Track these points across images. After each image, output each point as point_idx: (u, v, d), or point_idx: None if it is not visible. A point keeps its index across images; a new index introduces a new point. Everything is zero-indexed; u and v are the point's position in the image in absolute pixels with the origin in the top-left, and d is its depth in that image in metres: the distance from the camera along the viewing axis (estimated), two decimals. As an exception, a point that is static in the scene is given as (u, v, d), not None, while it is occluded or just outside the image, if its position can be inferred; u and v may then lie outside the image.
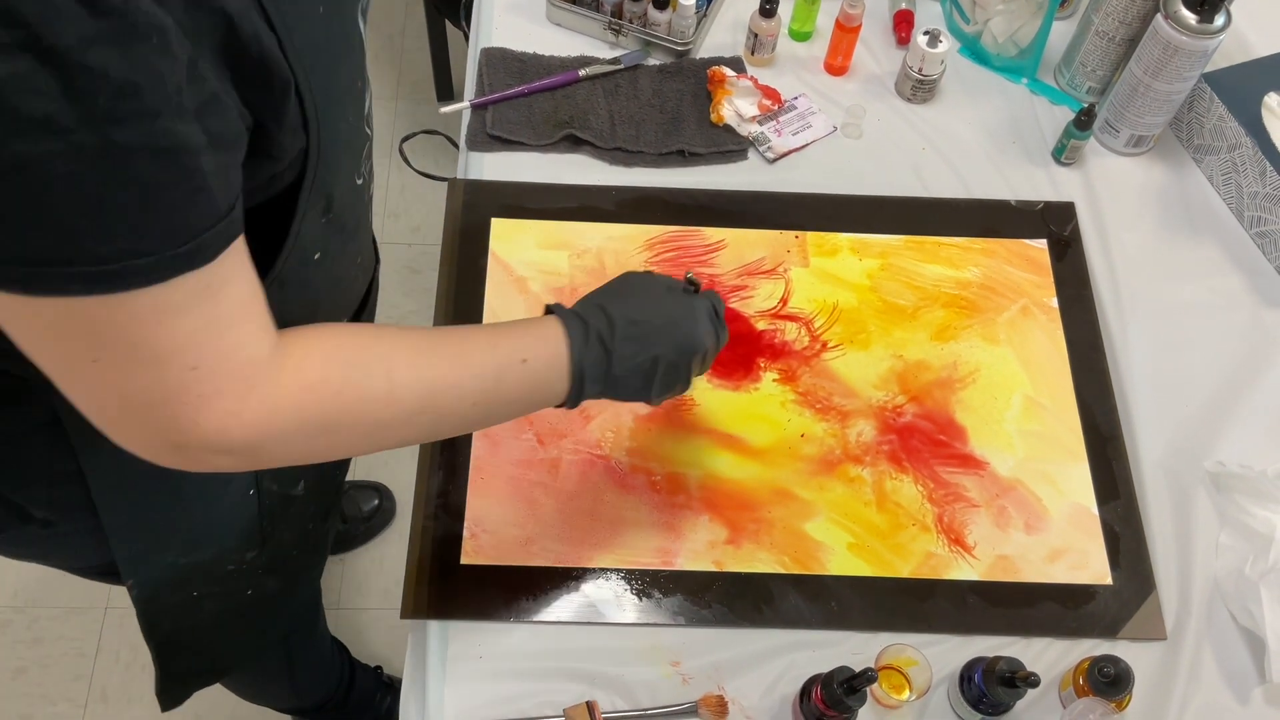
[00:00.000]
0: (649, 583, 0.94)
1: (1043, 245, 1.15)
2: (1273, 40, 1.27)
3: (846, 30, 1.23)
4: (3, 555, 0.90)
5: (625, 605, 0.93)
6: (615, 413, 1.02)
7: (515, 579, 0.94)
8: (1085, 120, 1.16)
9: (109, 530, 0.82)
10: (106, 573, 0.91)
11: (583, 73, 1.23)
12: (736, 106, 1.20)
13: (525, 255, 1.11)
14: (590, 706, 0.87)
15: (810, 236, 1.14)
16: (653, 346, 0.78)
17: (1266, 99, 1.15)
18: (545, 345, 0.75)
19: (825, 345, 1.07)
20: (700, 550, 0.96)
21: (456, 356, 0.71)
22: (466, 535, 0.95)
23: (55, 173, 0.47)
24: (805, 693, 0.86)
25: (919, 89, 1.24)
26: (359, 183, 0.73)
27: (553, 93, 1.22)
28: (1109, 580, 0.96)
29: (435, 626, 0.92)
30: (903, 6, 1.31)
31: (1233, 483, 1.00)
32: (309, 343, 0.64)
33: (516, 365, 0.73)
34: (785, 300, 1.10)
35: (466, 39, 1.36)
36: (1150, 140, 1.22)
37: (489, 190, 1.15)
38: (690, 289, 0.83)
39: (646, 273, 0.84)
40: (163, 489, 0.82)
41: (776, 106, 1.22)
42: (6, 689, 1.69)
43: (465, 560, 0.94)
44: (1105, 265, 1.14)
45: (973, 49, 1.30)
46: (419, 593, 0.93)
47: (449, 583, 0.93)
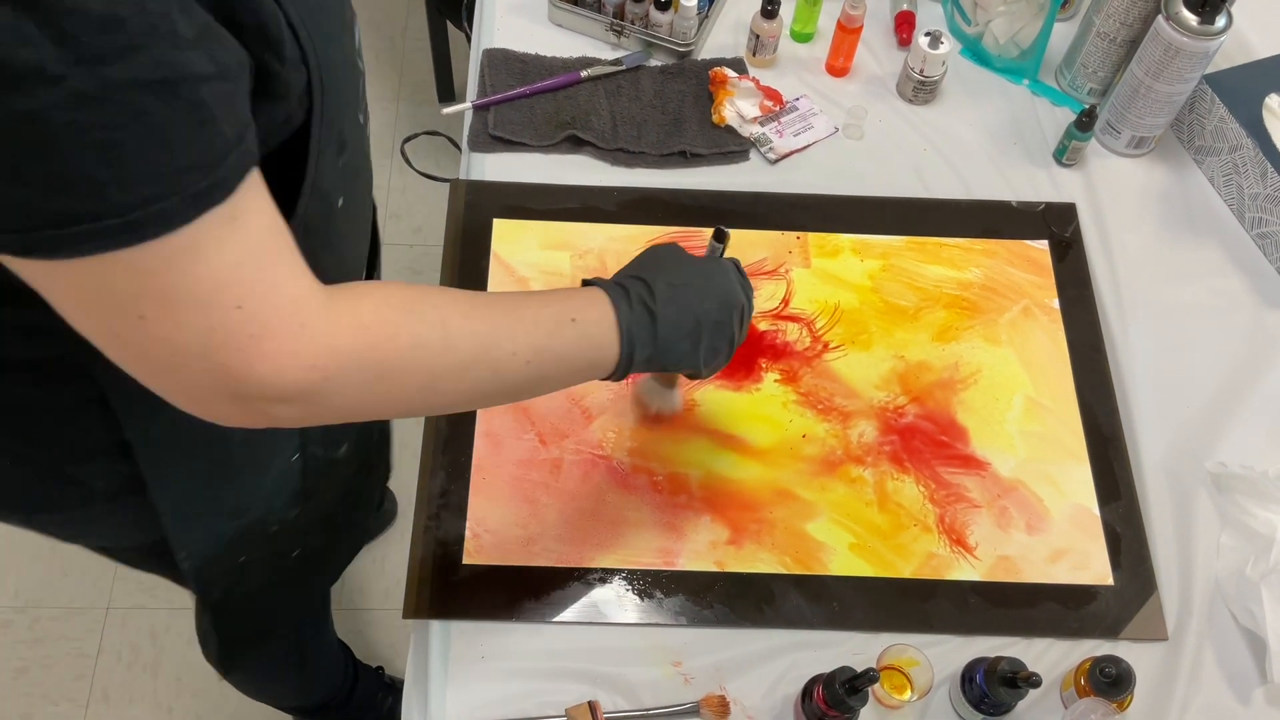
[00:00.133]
0: (651, 583, 0.94)
1: (1044, 246, 1.15)
2: (1274, 41, 1.27)
3: (848, 31, 1.23)
4: (55, 537, 0.90)
5: (627, 605, 0.93)
6: (617, 412, 1.02)
7: (517, 579, 0.94)
8: (1086, 121, 1.16)
9: (157, 503, 0.81)
10: (152, 553, 0.90)
11: (584, 74, 1.23)
12: (738, 107, 1.21)
13: (527, 256, 1.11)
14: (592, 706, 0.87)
15: (812, 237, 1.14)
16: (694, 306, 0.79)
17: (1268, 100, 1.16)
18: (593, 308, 0.75)
19: (827, 346, 1.08)
20: (702, 550, 0.96)
21: (509, 312, 0.71)
22: (468, 535, 0.96)
23: (59, 123, 0.46)
24: (807, 693, 0.86)
25: (920, 90, 1.24)
26: (362, 120, 0.73)
27: (554, 94, 1.22)
28: (1110, 581, 0.96)
29: (437, 627, 0.92)
30: (904, 8, 1.31)
31: (1234, 483, 1.00)
32: (358, 289, 0.64)
33: (567, 322, 0.73)
34: (787, 301, 1.10)
35: (468, 40, 1.36)
36: (1151, 141, 1.22)
37: (491, 191, 1.15)
38: (719, 246, 0.85)
39: (671, 244, 0.85)
40: (212, 460, 0.81)
41: (778, 107, 1.22)
42: (8, 689, 1.69)
43: (467, 560, 0.95)
44: (1106, 266, 1.15)
45: (974, 50, 1.30)
46: (421, 593, 0.93)
47: (451, 583, 0.93)
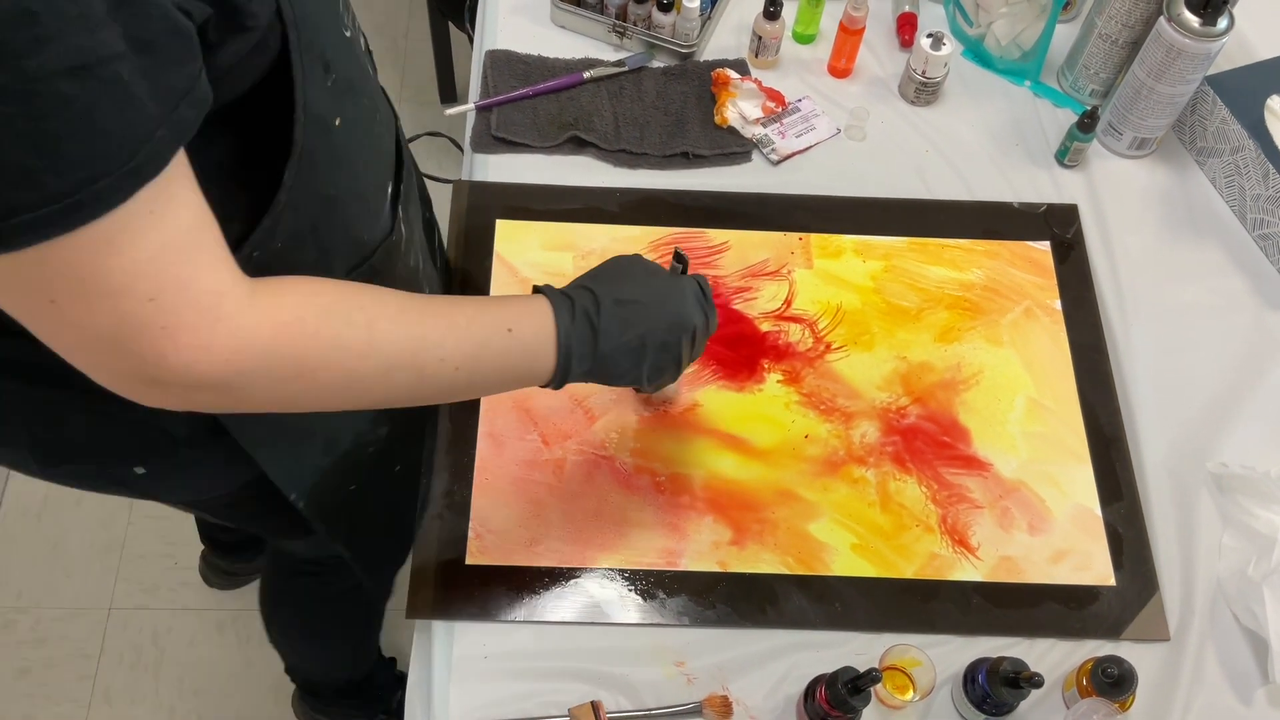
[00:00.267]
0: (653, 583, 0.94)
1: (1046, 247, 1.15)
2: (1275, 43, 1.27)
3: (850, 33, 1.23)
4: (142, 495, 0.90)
5: (630, 605, 0.93)
6: (620, 413, 1.02)
7: (520, 579, 0.94)
8: (1088, 123, 1.17)
9: (246, 443, 0.81)
10: (252, 498, 0.91)
11: (587, 75, 1.23)
12: (740, 109, 1.21)
13: (530, 256, 1.11)
14: (595, 706, 0.87)
15: (814, 238, 1.14)
16: (639, 325, 0.78)
17: (1269, 101, 1.16)
18: (532, 318, 0.75)
19: (829, 347, 1.08)
20: (704, 551, 0.96)
21: (441, 317, 0.71)
22: (471, 535, 0.96)
23: None
24: (809, 693, 0.86)
25: (922, 91, 1.24)
26: (348, 35, 0.72)
27: (557, 95, 1.22)
28: (1112, 581, 0.96)
29: (440, 626, 0.92)
30: (906, 9, 1.31)
31: (1235, 484, 1.00)
32: (284, 285, 0.64)
33: (502, 333, 0.73)
34: (789, 302, 1.10)
35: (470, 41, 1.37)
36: (1153, 143, 1.22)
37: (494, 192, 1.16)
38: (678, 266, 0.83)
39: (634, 256, 0.84)
40: None
41: (780, 109, 1.22)
42: (10, 689, 1.69)
43: (470, 560, 0.95)
44: (1108, 267, 1.15)
45: (976, 52, 1.30)
46: (424, 593, 0.93)
47: (454, 583, 0.94)
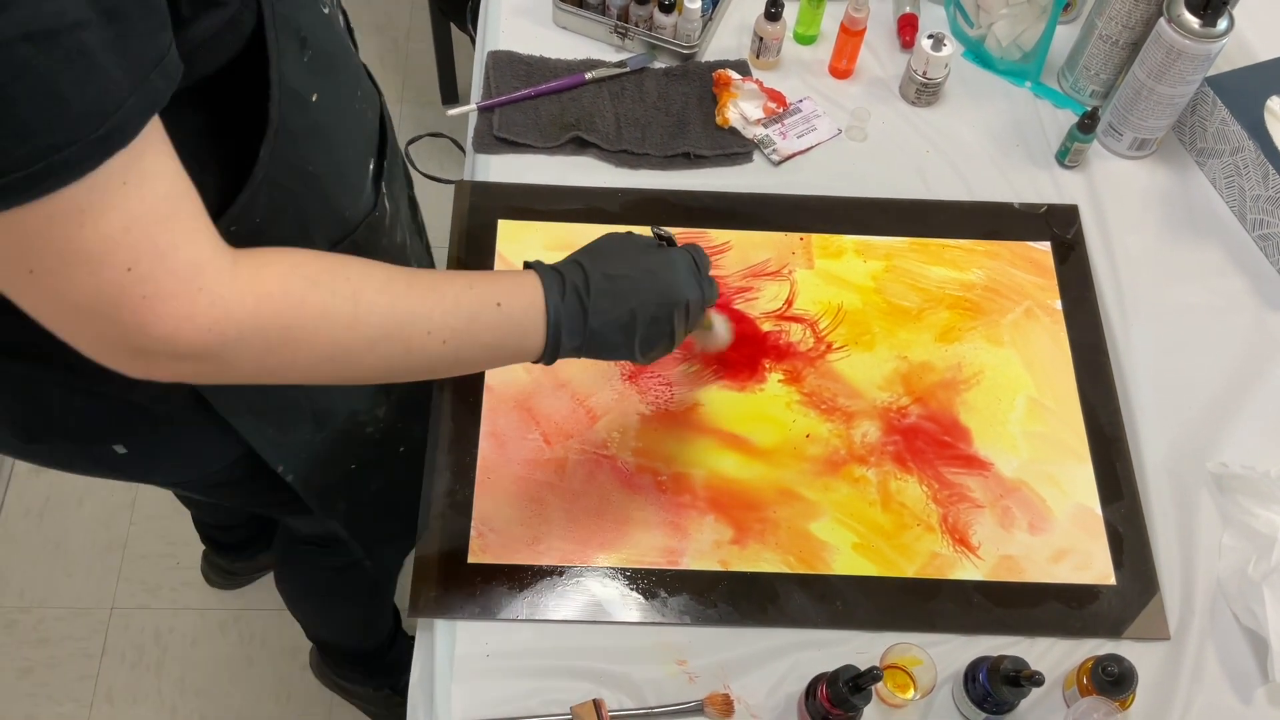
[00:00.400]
0: (655, 582, 0.95)
1: (1046, 248, 1.15)
2: (1275, 44, 1.27)
3: (851, 34, 1.23)
4: (131, 477, 0.89)
5: (631, 604, 0.94)
6: (622, 412, 1.03)
7: (522, 578, 0.94)
8: (1088, 123, 1.17)
9: (232, 419, 0.81)
10: (245, 476, 0.90)
11: (589, 76, 1.23)
12: (742, 109, 1.21)
13: (532, 256, 1.10)
14: (597, 705, 0.88)
15: (815, 238, 1.15)
16: (629, 299, 0.78)
17: (1269, 102, 1.16)
18: (522, 293, 0.76)
19: (830, 346, 1.08)
20: (706, 550, 0.96)
21: (430, 290, 0.71)
22: (473, 535, 0.96)
23: None
24: (811, 691, 0.86)
25: (923, 92, 1.24)
26: (325, 11, 0.72)
27: (559, 95, 1.23)
28: (1113, 580, 0.97)
29: (443, 625, 0.93)
30: (907, 10, 1.31)
31: (1235, 484, 1.00)
32: (268, 256, 0.64)
33: (491, 308, 0.73)
34: (790, 302, 1.11)
35: (473, 42, 1.37)
36: (1153, 143, 1.23)
37: (496, 192, 1.16)
38: (662, 243, 0.84)
39: (626, 233, 0.85)
40: None
41: (781, 109, 1.23)
42: (12, 689, 1.69)
43: (472, 559, 0.95)
44: (1109, 268, 1.15)
45: (976, 52, 1.30)
46: (426, 592, 0.93)
47: (456, 581, 0.94)
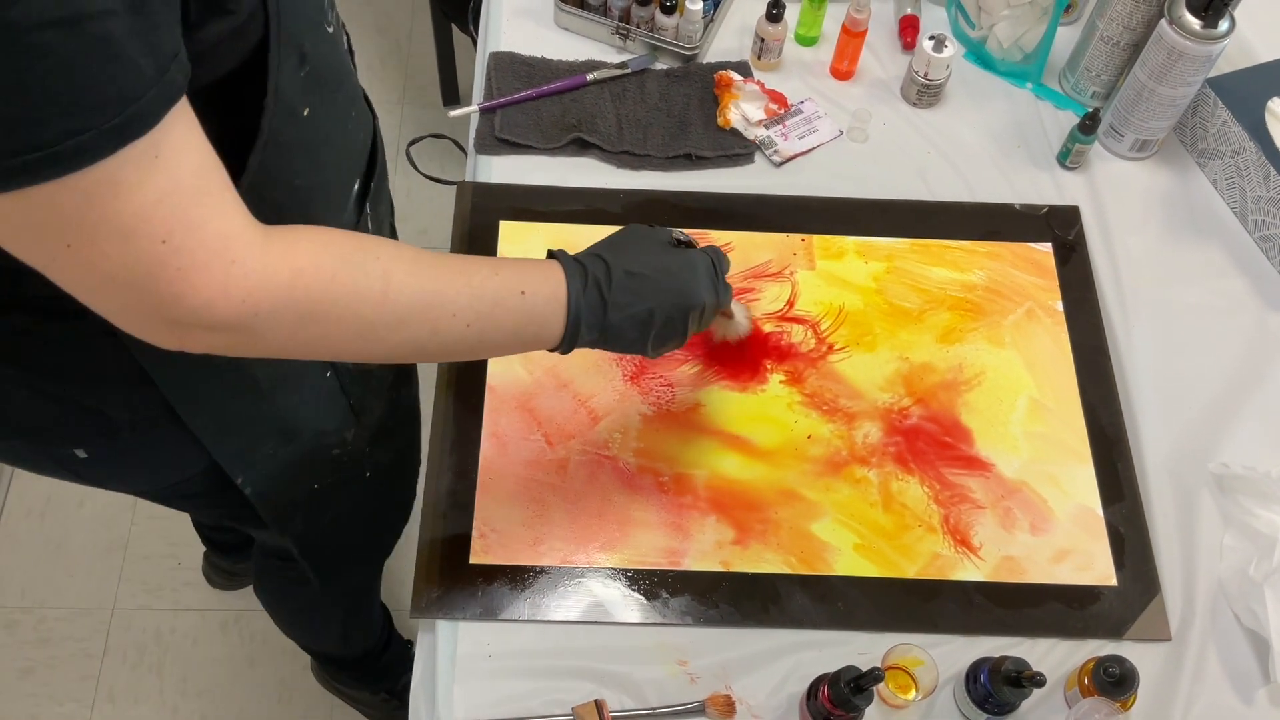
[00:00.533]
0: (656, 583, 0.95)
1: (1047, 249, 1.16)
2: (1276, 45, 1.27)
3: (852, 35, 1.23)
4: (92, 482, 0.89)
5: (633, 605, 0.94)
6: (623, 413, 1.03)
7: (524, 578, 0.94)
8: (1090, 125, 1.17)
9: (197, 429, 0.81)
10: (206, 489, 0.90)
11: (590, 77, 1.23)
12: (743, 110, 1.21)
13: (533, 257, 1.12)
14: (599, 705, 0.88)
15: (816, 239, 1.15)
16: (649, 299, 0.79)
17: (1270, 104, 1.16)
18: (545, 282, 0.77)
19: (831, 347, 1.08)
20: (707, 550, 0.96)
21: (457, 273, 0.72)
22: (475, 535, 0.96)
23: None
24: (812, 692, 0.87)
25: (924, 93, 1.24)
26: (330, 30, 0.73)
27: (560, 97, 1.23)
28: (1114, 581, 0.97)
29: (444, 625, 0.93)
30: (908, 11, 1.31)
31: (1237, 484, 1.01)
32: (300, 232, 0.65)
33: (515, 294, 0.74)
34: (792, 303, 1.11)
35: (474, 43, 1.37)
36: (1154, 145, 1.23)
37: (497, 193, 1.16)
38: (681, 245, 0.85)
39: (650, 226, 0.85)
40: (237, 382, 0.81)
41: (783, 110, 1.23)
42: (14, 689, 1.69)
43: (474, 560, 0.95)
44: (1110, 268, 1.15)
45: (978, 54, 1.31)
46: (428, 592, 0.94)
47: (458, 582, 0.94)
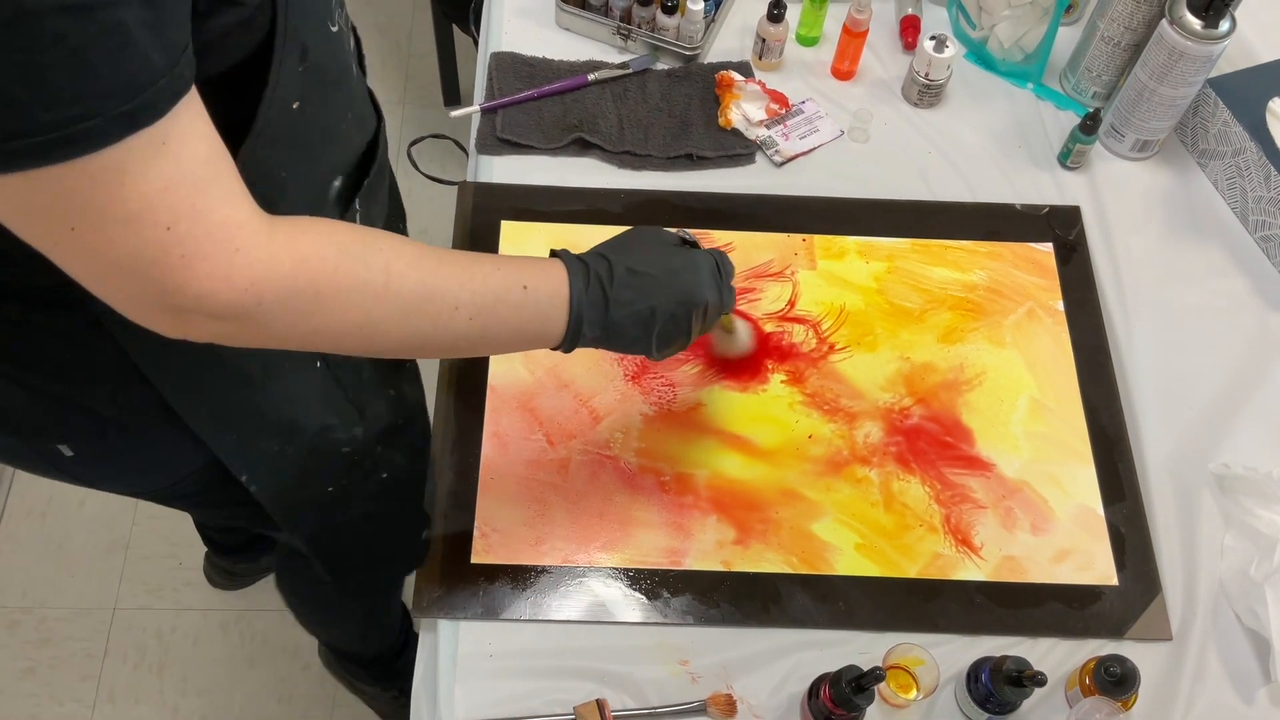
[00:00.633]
0: (658, 582, 0.95)
1: (1048, 249, 1.16)
2: (1277, 45, 1.27)
3: (853, 35, 1.23)
4: (85, 482, 0.88)
5: (634, 604, 0.94)
6: (624, 413, 1.03)
7: (525, 578, 0.94)
8: (1090, 125, 1.17)
9: (195, 425, 0.81)
10: (206, 487, 0.90)
11: (591, 77, 1.24)
12: (744, 110, 1.21)
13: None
14: (600, 704, 0.88)
15: (817, 239, 1.15)
16: (651, 297, 0.79)
17: (1271, 104, 1.16)
18: (548, 279, 0.77)
19: (832, 347, 1.08)
20: (708, 550, 0.96)
21: (459, 267, 0.72)
22: (477, 535, 0.96)
23: None
24: (813, 692, 0.87)
25: (925, 94, 1.25)
26: (334, 29, 0.73)
27: (562, 97, 1.23)
28: (1115, 581, 0.97)
29: (446, 625, 0.93)
30: (909, 12, 1.31)
31: (1238, 485, 1.01)
32: (304, 224, 0.65)
33: (517, 290, 0.74)
34: (793, 303, 1.11)
35: (475, 44, 1.37)
36: (1155, 145, 1.23)
37: (499, 193, 1.16)
38: (685, 243, 0.85)
39: (654, 227, 0.85)
40: (225, 373, 0.81)
41: (784, 110, 1.23)
42: (14, 689, 1.69)
43: (476, 559, 0.95)
44: (1110, 269, 1.15)
45: (979, 54, 1.31)
46: (430, 592, 0.94)
47: (460, 581, 0.94)
